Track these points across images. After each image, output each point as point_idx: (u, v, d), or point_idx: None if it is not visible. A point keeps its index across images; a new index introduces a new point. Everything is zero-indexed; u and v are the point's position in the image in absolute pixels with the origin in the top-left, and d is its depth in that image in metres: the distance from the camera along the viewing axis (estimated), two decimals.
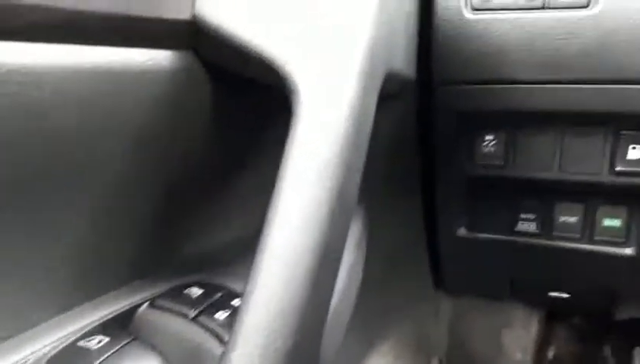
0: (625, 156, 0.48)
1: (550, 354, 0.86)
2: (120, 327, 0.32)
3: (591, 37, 0.42)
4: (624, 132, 0.47)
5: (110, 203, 0.31)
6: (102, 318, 0.32)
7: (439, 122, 0.50)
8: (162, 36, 0.29)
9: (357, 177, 0.29)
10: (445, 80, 0.47)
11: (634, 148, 0.47)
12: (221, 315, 0.32)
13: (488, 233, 0.60)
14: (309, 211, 0.25)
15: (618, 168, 0.48)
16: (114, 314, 0.32)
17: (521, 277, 0.65)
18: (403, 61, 0.36)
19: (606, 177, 0.49)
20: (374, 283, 0.61)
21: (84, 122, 0.27)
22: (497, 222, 0.59)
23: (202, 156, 0.35)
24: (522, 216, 0.57)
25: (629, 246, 0.54)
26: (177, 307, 0.32)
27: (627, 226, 0.54)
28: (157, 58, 0.29)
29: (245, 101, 0.36)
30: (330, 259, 0.27)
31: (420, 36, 0.44)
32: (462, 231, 0.61)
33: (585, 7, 0.42)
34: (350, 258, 0.40)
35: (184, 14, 0.29)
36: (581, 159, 0.50)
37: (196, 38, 0.30)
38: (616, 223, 0.54)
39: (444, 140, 0.52)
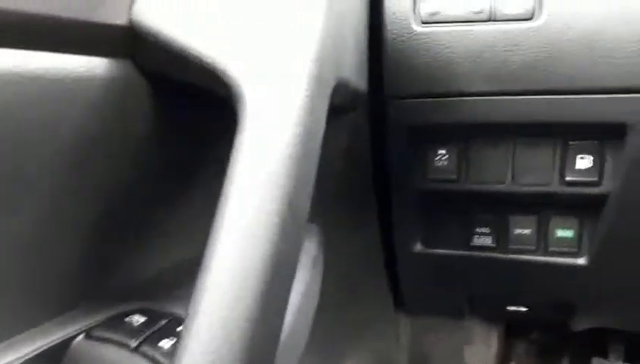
0: (574, 166, 0.49)
1: None
2: (53, 361, 0.29)
3: (535, 48, 0.43)
4: (572, 142, 0.48)
5: (41, 223, 0.28)
6: (32, 352, 0.29)
7: (391, 136, 0.50)
8: (97, 41, 0.27)
9: (308, 188, 0.27)
10: (396, 94, 0.47)
11: (582, 158, 0.48)
12: (166, 344, 0.29)
13: (444, 249, 0.59)
14: (258, 224, 0.23)
15: (568, 178, 0.49)
16: (46, 347, 0.29)
17: (479, 292, 0.65)
18: (353, 71, 0.35)
19: (557, 187, 0.50)
20: (333, 304, 0.59)
21: (9, 131, 0.25)
22: (452, 237, 0.58)
23: (143, 172, 0.33)
24: (478, 230, 0.57)
25: (581, 256, 0.55)
26: (117, 337, 0.30)
27: (579, 236, 0.54)
28: (92, 66, 0.27)
29: (190, 113, 0.34)
30: (282, 275, 0.25)
31: (370, 49, 0.44)
32: (418, 247, 0.60)
33: (530, 19, 0.43)
34: (306, 278, 0.38)
35: (120, 19, 0.27)
36: (533, 170, 0.50)
37: (133, 45, 0.28)
38: (568, 233, 0.55)
39: (397, 155, 0.51)
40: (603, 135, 0.47)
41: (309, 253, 0.41)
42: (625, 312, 0.60)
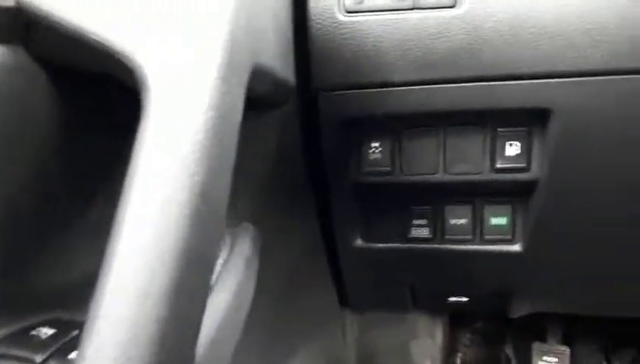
0: (504, 153, 0.49)
1: (458, 360, 0.87)
2: None
3: (459, 36, 0.43)
4: (501, 130, 0.49)
5: None
6: None
7: (323, 130, 0.49)
8: None
9: (225, 179, 0.26)
10: (325, 86, 0.46)
11: (510, 144, 0.49)
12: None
13: (384, 243, 0.59)
14: (165, 216, 0.22)
15: (498, 165, 0.50)
16: None
17: (421, 285, 0.65)
18: (275, 59, 0.34)
19: (488, 175, 0.50)
20: (277, 303, 0.57)
21: None
22: (391, 230, 0.58)
23: (47, 173, 0.30)
24: (414, 222, 0.57)
25: (516, 243, 0.56)
26: (22, 352, 0.27)
27: (513, 223, 0.55)
28: None
29: (94, 106, 0.32)
30: (195, 271, 0.23)
31: (296, 40, 0.43)
32: (358, 242, 0.59)
33: (452, 6, 0.43)
34: (238, 277, 0.37)
35: (6, 0, 0.25)
36: (464, 159, 0.50)
37: (23, 28, 0.25)
38: (502, 221, 0.56)
39: (330, 149, 0.50)
40: (530, 121, 0.48)
41: (243, 253, 0.39)
42: (560, 296, 0.62)
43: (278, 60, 0.35)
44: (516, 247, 0.55)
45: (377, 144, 0.51)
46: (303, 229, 0.58)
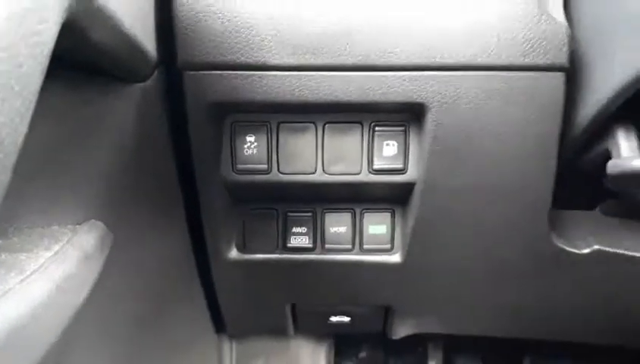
0: (382, 153, 0.48)
1: None
2: None
3: (334, 19, 0.42)
4: (378, 128, 0.48)
5: None
6: None
7: (190, 116, 0.44)
8: None
9: (25, 111, 0.21)
10: (191, 64, 0.42)
11: (388, 144, 0.48)
12: None
13: (262, 253, 0.55)
14: None
15: (376, 166, 0.48)
16: None
17: (301, 302, 0.61)
18: (121, 5, 0.30)
19: (366, 176, 0.49)
20: (143, 320, 0.50)
21: None
22: (270, 239, 0.54)
23: None
24: (295, 230, 0.54)
25: (395, 253, 0.54)
26: None
27: (392, 232, 0.54)
28: None
29: None
30: None
31: (160, 10, 0.39)
32: (233, 253, 0.55)
33: None
34: (68, 270, 0.31)
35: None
36: (343, 159, 0.48)
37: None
38: (381, 229, 0.54)
39: (199, 139, 0.46)
40: (406, 119, 0.47)
41: (80, 248, 0.34)
42: (440, 313, 0.61)
43: (126, 8, 0.31)
44: (395, 257, 0.54)
45: (252, 139, 0.48)
46: (173, 235, 0.52)
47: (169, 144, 0.46)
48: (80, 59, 0.32)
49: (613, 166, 0.40)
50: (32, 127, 0.22)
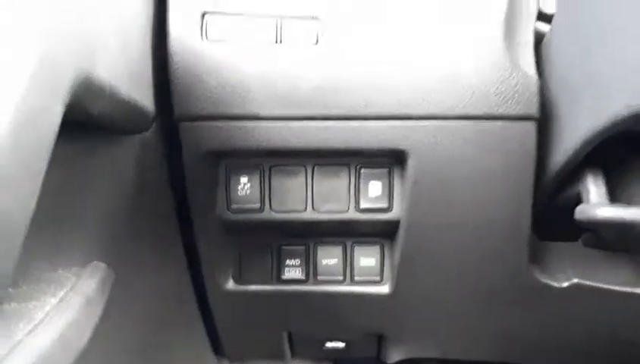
0: (367, 193, 0.51)
1: None
2: None
3: (320, 75, 0.45)
4: (364, 170, 0.51)
5: None
6: None
7: (186, 162, 0.48)
8: None
9: (31, 196, 0.24)
10: (187, 116, 0.46)
11: (373, 185, 0.51)
12: None
13: (257, 285, 0.58)
14: None
15: (362, 205, 0.51)
16: None
17: (297, 329, 0.64)
18: (118, 75, 0.33)
19: (353, 215, 0.52)
20: (145, 349, 0.53)
21: None
22: (264, 272, 0.57)
23: None
24: (288, 263, 0.57)
25: (384, 284, 0.57)
26: None
27: (381, 264, 0.56)
28: None
29: None
30: None
31: (158, 67, 0.42)
32: (230, 285, 0.58)
33: (315, 44, 0.45)
34: (71, 317, 0.34)
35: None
36: (331, 198, 0.51)
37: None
38: (371, 262, 0.57)
39: (195, 183, 0.49)
40: (390, 162, 0.50)
41: (83, 293, 0.37)
42: (431, 339, 0.63)
43: (123, 78, 0.34)
44: (385, 288, 0.57)
45: (245, 180, 0.51)
46: (172, 270, 0.56)
47: (167, 187, 0.49)
48: (81, 123, 0.35)
49: (580, 212, 0.42)
50: None
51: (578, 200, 0.45)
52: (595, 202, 0.42)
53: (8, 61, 0.22)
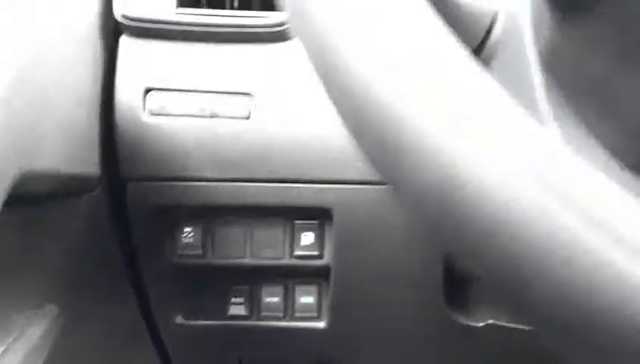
0: (300, 242, 0.57)
1: None
2: None
3: (252, 142, 0.51)
4: (297, 222, 0.56)
5: None
6: None
7: (132, 218, 0.53)
8: None
9: None
10: (133, 177, 0.51)
11: (305, 235, 0.56)
12: None
13: (205, 320, 0.63)
14: None
15: (296, 253, 0.57)
16: None
17: (246, 361, 0.69)
18: (59, 159, 0.38)
19: (289, 261, 0.57)
20: None
21: None
22: (211, 308, 0.62)
23: None
24: (233, 300, 0.62)
25: (321, 320, 0.62)
26: None
27: (319, 302, 0.62)
28: None
29: None
30: None
31: (104, 135, 0.48)
32: (179, 319, 0.63)
33: (247, 118, 0.51)
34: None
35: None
36: (268, 246, 0.57)
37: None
38: (309, 300, 0.62)
39: (142, 235, 0.54)
40: (320, 216, 0.56)
41: (29, 341, 0.41)
42: None
43: (68, 159, 0.39)
44: (321, 324, 0.62)
45: (189, 229, 0.56)
46: (124, 309, 0.61)
47: (115, 238, 0.54)
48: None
49: None
50: None
51: None
52: None
53: None
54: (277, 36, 0.51)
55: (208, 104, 0.50)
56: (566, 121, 0.32)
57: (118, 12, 0.49)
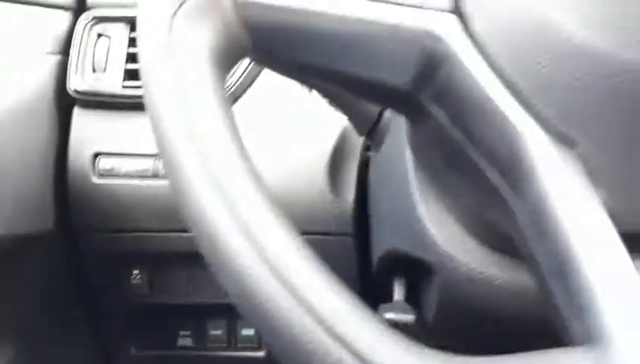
0: None
1: None
2: None
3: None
4: None
5: None
6: None
7: (88, 264, 0.60)
8: None
9: None
10: (83, 229, 0.58)
11: None
12: None
13: (156, 350, 0.70)
14: None
15: None
16: None
17: None
18: (11, 225, 0.45)
19: (230, 299, 0.64)
20: None
21: None
22: (162, 339, 0.69)
23: None
24: (181, 333, 0.69)
25: (261, 350, 0.69)
26: None
27: (259, 333, 0.69)
28: None
29: None
30: None
31: (57, 193, 0.55)
32: (133, 351, 0.69)
33: None
34: None
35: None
36: (211, 287, 0.64)
37: None
38: (250, 332, 0.69)
39: (93, 279, 0.61)
40: None
41: None
42: None
43: (18, 222, 0.46)
44: (261, 353, 0.69)
45: (137, 272, 0.63)
46: (81, 342, 0.68)
47: (71, 282, 0.61)
48: None
49: (380, 309, 0.55)
50: None
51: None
52: (395, 301, 0.55)
53: None
54: None
55: (150, 166, 0.57)
56: (430, 199, 0.39)
57: (71, 87, 0.57)
